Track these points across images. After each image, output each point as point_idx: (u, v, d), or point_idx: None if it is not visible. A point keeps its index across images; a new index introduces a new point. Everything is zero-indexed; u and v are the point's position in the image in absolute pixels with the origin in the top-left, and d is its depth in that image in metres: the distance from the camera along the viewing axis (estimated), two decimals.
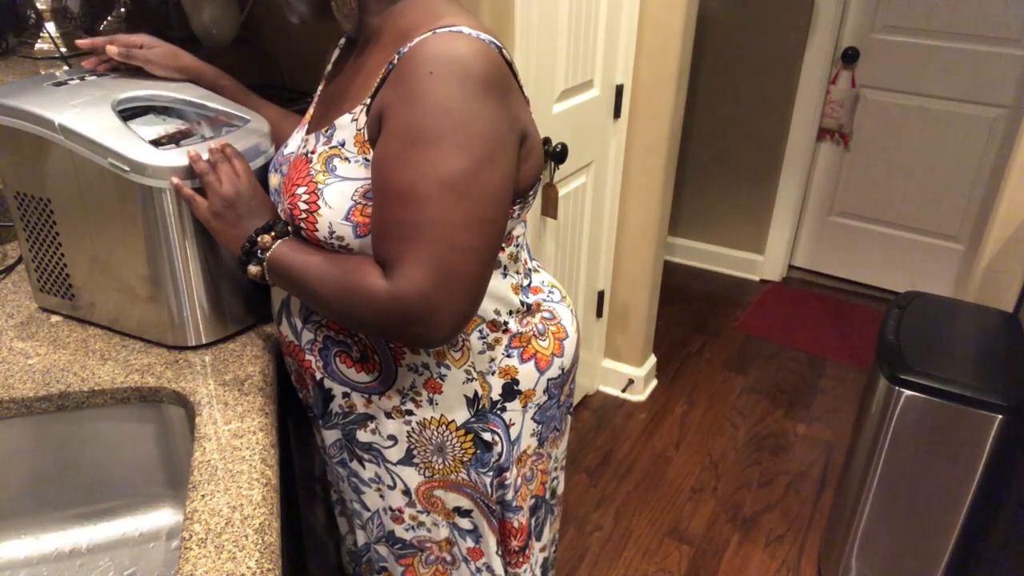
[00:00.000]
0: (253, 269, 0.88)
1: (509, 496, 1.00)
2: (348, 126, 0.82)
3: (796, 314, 3.09)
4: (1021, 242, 1.88)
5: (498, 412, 0.95)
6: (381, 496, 1.02)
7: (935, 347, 1.63)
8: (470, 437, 0.94)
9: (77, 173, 0.95)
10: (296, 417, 1.19)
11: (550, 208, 1.88)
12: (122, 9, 1.64)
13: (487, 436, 0.95)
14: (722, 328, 2.97)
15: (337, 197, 0.80)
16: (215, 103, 1.05)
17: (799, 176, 3.15)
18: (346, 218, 0.80)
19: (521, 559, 1.06)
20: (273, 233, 0.87)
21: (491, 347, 0.93)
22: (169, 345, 1.02)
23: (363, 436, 0.97)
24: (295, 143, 0.93)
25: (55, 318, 1.09)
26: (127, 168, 0.91)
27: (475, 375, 0.92)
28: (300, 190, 0.83)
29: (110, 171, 0.92)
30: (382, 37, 0.84)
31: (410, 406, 0.93)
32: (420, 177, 0.72)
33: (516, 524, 1.03)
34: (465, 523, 1.02)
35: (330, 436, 1.01)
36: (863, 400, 1.72)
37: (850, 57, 2.94)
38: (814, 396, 2.61)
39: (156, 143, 0.95)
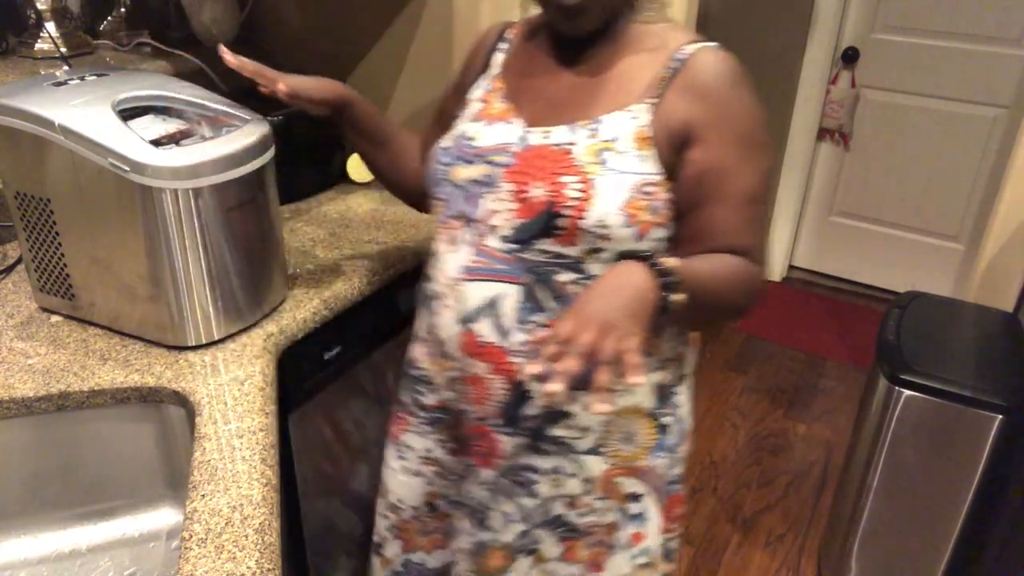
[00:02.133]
0: (678, 298, 0.77)
1: (679, 471, 1.04)
2: (625, 122, 0.86)
3: (796, 314, 3.09)
4: (1021, 242, 1.88)
5: (673, 396, 1.00)
6: (556, 486, 0.99)
7: (935, 347, 1.63)
8: (654, 423, 0.98)
9: (77, 173, 0.95)
10: (296, 417, 1.19)
11: None
12: (122, 9, 1.64)
13: (666, 420, 0.99)
14: (722, 328, 2.97)
15: (611, 188, 0.84)
16: (215, 103, 1.05)
17: (799, 176, 3.15)
18: (620, 208, 0.84)
19: (678, 524, 1.10)
20: (663, 262, 0.77)
21: (679, 333, 0.98)
22: (169, 345, 1.02)
23: (554, 431, 0.96)
24: (504, 135, 0.91)
25: (55, 318, 1.09)
26: (127, 168, 0.91)
27: (662, 362, 0.96)
28: (567, 179, 0.85)
29: (110, 171, 0.92)
30: (628, 42, 0.91)
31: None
32: (758, 175, 0.87)
33: (682, 493, 1.07)
34: (634, 508, 1.02)
35: (509, 443, 0.97)
36: (863, 400, 1.72)
37: (850, 57, 2.94)
38: (814, 396, 2.61)
39: (156, 143, 0.95)
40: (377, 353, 1.36)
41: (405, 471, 1.11)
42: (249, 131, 1.01)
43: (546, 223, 0.85)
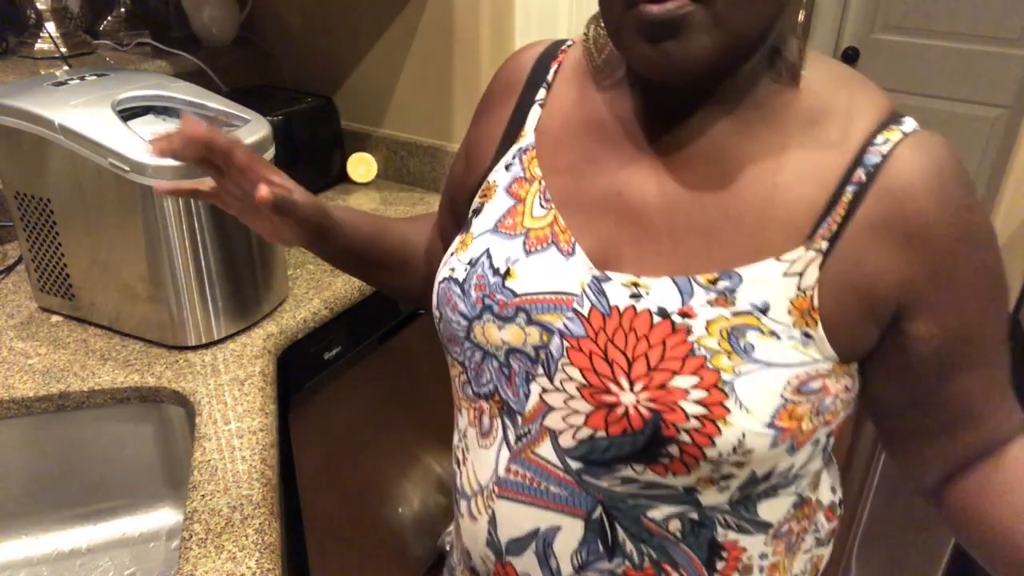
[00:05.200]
0: None
1: None
2: (777, 280, 0.51)
3: None
4: (1021, 242, 1.88)
5: None
6: None
7: None
8: None
9: (77, 173, 0.95)
10: (296, 417, 1.19)
11: None
12: (122, 9, 1.64)
13: None
14: None
15: (758, 393, 0.50)
16: (215, 103, 1.05)
17: None
18: (770, 424, 0.51)
19: None
20: None
21: (821, 543, 0.70)
22: (169, 345, 1.02)
23: None
24: (559, 275, 0.56)
25: (55, 318, 1.09)
26: (127, 168, 0.91)
27: None
28: (683, 380, 0.50)
29: (110, 171, 0.92)
30: (773, 111, 0.53)
31: None
32: (1005, 316, 0.56)
33: None
34: None
35: None
36: None
37: (850, 57, 2.94)
38: None
39: None
40: (377, 353, 1.36)
41: None
42: (249, 131, 1.01)
43: (645, 447, 0.53)
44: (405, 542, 1.64)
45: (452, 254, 0.62)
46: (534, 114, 0.62)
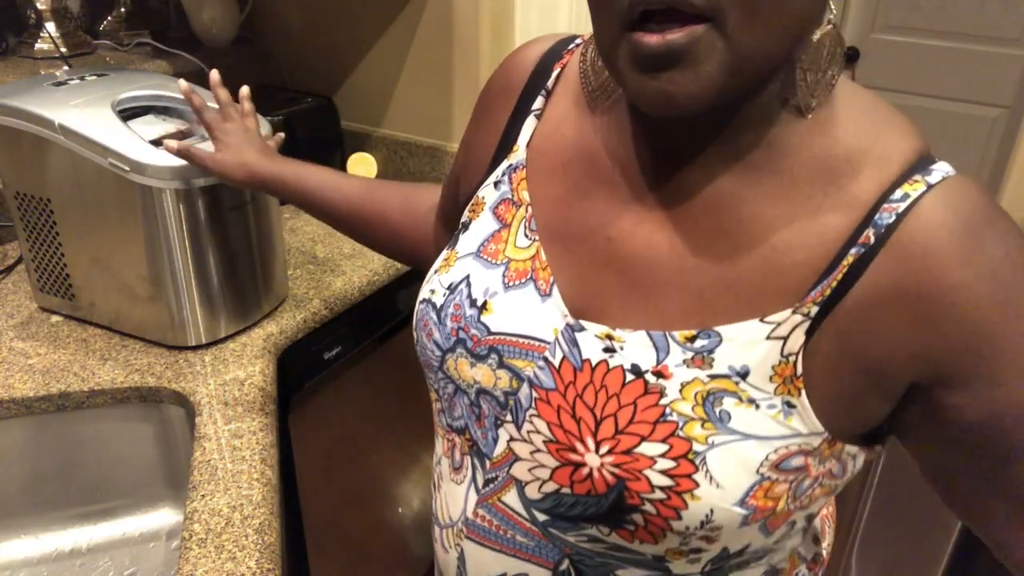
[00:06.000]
0: None
1: None
2: (758, 343, 0.47)
3: None
4: None
5: None
6: None
7: None
8: None
9: (77, 173, 0.95)
10: (296, 417, 1.19)
11: None
12: (122, 9, 1.64)
13: None
14: None
15: (732, 467, 0.46)
16: (215, 103, 1.05)
17: None
18: (741, 502, 0.47)
19: None
20: None
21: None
22: (169, 345, 1.02)
23: None
24: (533, 318, 0.53)
25: (55, 318, 1.09)
26: (127, 168, 0.91)
27: None
28: (651, 448, 0.47)
29: (110, 171, 0.92)
30: (783, 153, 0.48)
31: None
32: None
33: None
34: None
35: None
36: None
37: (850, 57, 2.94)
38: None
39: (156, 143, 0.95)
40: (377, 353, 1.36)
41: None
42: None
43: (609, 511, 0.50)
44: (405, 542, 1.64)
45: (435, 272, 0.60)
46: (529, 126, 0.58)
